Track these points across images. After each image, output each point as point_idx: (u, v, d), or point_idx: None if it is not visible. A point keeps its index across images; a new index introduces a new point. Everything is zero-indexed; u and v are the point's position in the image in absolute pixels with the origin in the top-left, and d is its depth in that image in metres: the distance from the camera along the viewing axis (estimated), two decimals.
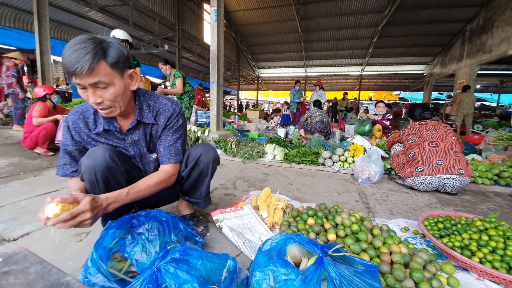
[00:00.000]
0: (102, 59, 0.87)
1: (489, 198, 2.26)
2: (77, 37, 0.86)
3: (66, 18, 8.24)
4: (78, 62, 0.82)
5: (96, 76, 0.86)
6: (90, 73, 0.85)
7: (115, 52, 0.91)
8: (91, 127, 1.10)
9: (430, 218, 1.43)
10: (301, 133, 5.06)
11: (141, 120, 1.11)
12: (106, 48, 0.89)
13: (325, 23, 12.39)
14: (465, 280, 1.05)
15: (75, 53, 0.82)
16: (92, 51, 0.84)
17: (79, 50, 0.82)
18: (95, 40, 0.87)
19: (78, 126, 1.09)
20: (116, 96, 0.95)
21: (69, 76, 0.86)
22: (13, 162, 2.77)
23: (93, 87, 0.89)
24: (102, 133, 1.11)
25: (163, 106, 1.15)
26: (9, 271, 0.57)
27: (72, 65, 0.82)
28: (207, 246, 1.27)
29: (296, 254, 0.94)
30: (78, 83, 0.87)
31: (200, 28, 12.31)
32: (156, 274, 0.67)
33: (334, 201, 2.00)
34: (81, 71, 0.82)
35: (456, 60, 10.59)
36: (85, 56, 0.83)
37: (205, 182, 1.31)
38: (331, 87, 19.92)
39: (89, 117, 1.10)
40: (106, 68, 0.88)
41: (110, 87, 0.92)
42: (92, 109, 1.10)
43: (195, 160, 1.23)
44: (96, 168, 1.00)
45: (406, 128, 2.54)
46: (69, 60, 0.82)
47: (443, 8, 9.78)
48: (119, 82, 0.94)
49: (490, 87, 16.70)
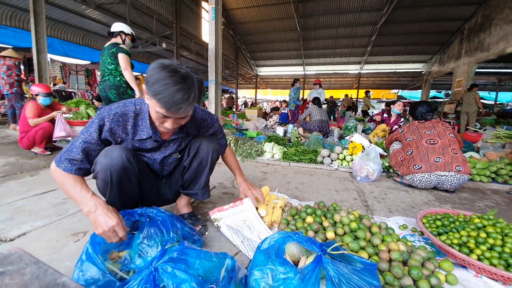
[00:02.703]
0: (196, 100, 0.94)
1: (487, 195, 2.27)
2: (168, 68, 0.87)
3: (62, 16, 8.16)
4: (183, 103, 0.88)
5: (187, 115, 0.97)
6: (187, 114, 0.96)
7: (200, 90, 0.95)
8: (129, 132, 1.10)
9: (428, 216, 1.44)
10: (299, 131, 5.05)
11: (190, 133, 1.21)
12: (197, 87, 0.93)
13: (323, 21, 12.36)
14: (463, 277, 1.05)
15: (180, 94, 0.86)
16: (192, 93, 0.90)
17: (183, 90, 0.87)
18: (191, 80, 0.91)
19: (115, 129, 1.07)
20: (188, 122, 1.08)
21: (165, 110, 0.89)
22: (9, 161, 2.75)
23: (177, 119, 0.96)
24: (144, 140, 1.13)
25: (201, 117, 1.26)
26: (4, 272, 0.56)
27: (176, 106, 0.87)
28: (206, 245, 1.27)
29: (294, 252, 0.94)
30: (168, 115, 0.92)
31: (198, 26, 12.25)
32: (154, 273, 0.67)
33: (333, 199, 2.00)
34: (184, 112, 0.91)
35: (454, 58, 10.61)
36: (188, 99, 0.89)
37: (204, 172, 1.32)
38: (330, 86, 19.91)
39: (128, 121, 1.09)
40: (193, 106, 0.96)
41: (188, 118, 1.02)
42: (133, 113, 1.09)
43: (196, 149, 1.26)
44: (112, 168, 1.01)
45: (405, 126, 2.54)
46: (173, 100, 0.86)
47: (441, 6, 9.78)
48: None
49: (488, 85, 16.75)
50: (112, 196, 1.10)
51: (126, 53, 3.10)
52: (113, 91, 3.12)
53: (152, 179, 1.32)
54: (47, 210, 1.58)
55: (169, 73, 0.86)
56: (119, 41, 3.17)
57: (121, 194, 1.12)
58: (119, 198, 1.12)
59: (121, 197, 1.12)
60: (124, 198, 1.15)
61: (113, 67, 3.09)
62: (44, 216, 1.50)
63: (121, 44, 3.15)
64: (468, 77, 9.11)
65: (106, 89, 3.15)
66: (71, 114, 3.94)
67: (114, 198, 1.11)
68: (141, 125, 1.10)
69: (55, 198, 1.78)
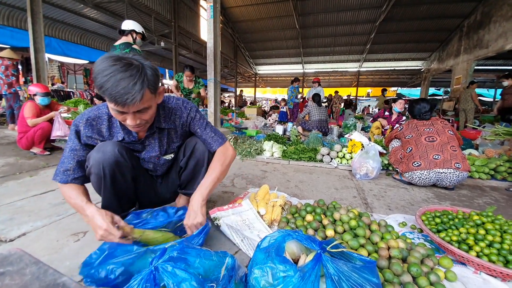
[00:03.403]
0: (146, 88, 0.86)
1: (486, 192, 2.27)
2: (111, 58, 0.82)
3: (60, 15, 8.11)
4: (128, 93, 0.81)
5: (141, 105, 0.88)
6: (138, 103, 0.85)
7: (153, 77, 0.89)
8: (105, 135, 1.08)
9: (428, 213, 1.44)
10: (299, 129, 5.05)
11: (159, 127, 1.13)
12: (146, 74, 0.86)
13: (322, 19, 12.33)
14: (463, 274, 1.05)
15: (122, 83, 0.80)
16: (139, 80, 0.83)
17: (125, 79, 0.80)
18: (136, 67, 0.84)
19: (89, 133, 1.05)
20: (152, 115, 1.00)
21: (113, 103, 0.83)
22: (8, 162, 2.74)
23: (134, 113, 0.90)
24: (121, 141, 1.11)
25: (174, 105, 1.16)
26: (4, 272, 0.56)
27: (121, 96, 0.80)
28: (206, 244, 1.27)
29: (294, 250, 0.94)
30: (121, 110, 0.86)
31: (197, 24, 12.20)
32: (154, 273, 0.67)
33: (332, 197, 2.01)
34: (132, 102, 0.82)
35: (453, 55, 10.61)
36: (134, 86, 0.81)
37: (201, 173, 1.29)
38: (329, 84, 19.88)
39: (103, 124, 1.07)
40: (149, 94, 0.89)
41: (150, 110, 0.95)
42: (106, 115, 1.06)
43: (191, 149, 1.24)
44: (105, 162, 1.01)
45: (404, 124, 2.54)
46: (116, 91, 0.80)
47: (440, 3, 9.76)
48: (155, 103, 0.98)
49: (486, 82, 16.75)
50: (107, 194, 1.09)
51: (140, 54, 3.11)
52: None
53: (147, 176, 1.31)
54: (46, 210, 1.58)
55: (111, 63, 0.81)
56: (130, 40, 3.15)
57: (116, 191, 1.11)
58: (114, 195, 1.11)
59: (116, 194, 1.11)
60: (119, 196, 1.13)
61: None
62: (44, 216, 1.50)
63: (133, 43, 3.14)
64: (467, 74, 9.11)
65: None
66: (69, 114, 3.93)
67: (109, 196, 1.10)
68: (116, 126, 1.08)
69: (55, 198, 1.78)
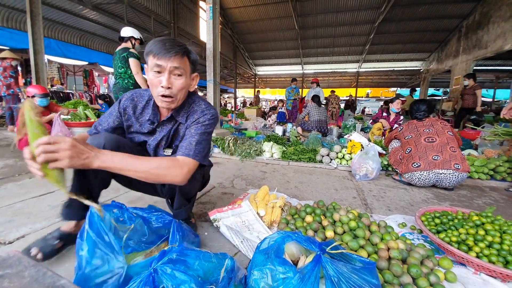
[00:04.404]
0: (187, 55, 1.06)
1: (485, 192, 2.28)
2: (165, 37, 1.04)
3: (59, 16, 8.11)
4: (174, 48, 0.99)
5: (181, 63, 1.02)
6: (179, 59, 1.01)
7: (194, 55, 1.11)
8: (137, 112, 1.19)
9: (427, 214, 1.44)
10: (298, 130, 5.05)
11: (174, 117, 1.16)
12: (190, 49, 1.08)
13: (321, 20, 12.35)
14: (462, 275, 1.05)
15: (170, 43, 1.00)
16: (183, 46, 1.04)
17: (172, 42, 1.01)
18: (181, 42, 1.06)
19: (127, 105, 1.18)
20: (183, 88, 1.07)
21: (158, 56, 0.98)
22: (8, 163, 2.74)
23: (171, 72, 1.01)
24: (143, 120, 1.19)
25: (198, 108, 1.18)
26: (3, 275, 0.56)
27: (168, 48, 0.98)
28: (205, 246, 1.27)
29: (294, 252, 0.94)
30: (161, 64, 0.99)
31: (196, 25, 12.21)
32: (153, 275, 0.66)
33: (332, 198, 2.01)
34: (175, 53, 0.99)
35: (452, 56, 10.63)
36: (179, 47, 1.02)
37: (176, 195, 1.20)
38: (328, 84, 19.88)
39: (141, 102, 1.19)
40: (187, 62, 1.07)
41: (183, 78, 1.05)
42: (147, 96, 1.19)
43: None
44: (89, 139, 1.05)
45: (404, 125, 2.55)
46: (164, 45, 0.99)
47: (439, 4, 9.79)
48: (189, 78, 1.10)
49: (485, 82, 16.79)
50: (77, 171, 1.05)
51: (136, 57, 3.29)
52: (121, 92, 3.31)
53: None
54: (46, 212, 1.58)
55: (164, 37, 1.03)
56: (129, 46, 3.36)
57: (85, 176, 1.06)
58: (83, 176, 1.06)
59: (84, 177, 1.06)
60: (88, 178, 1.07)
61: (122, 70, 3.28)
62: (43, 218, 1.50)
63: (131, 48, 3.33)
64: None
65: (117, 91, 3.34)
66: (69, 116, 3.93)
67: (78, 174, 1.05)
68: (148, 108, 1.18)
69: (54, 200, 1.78)
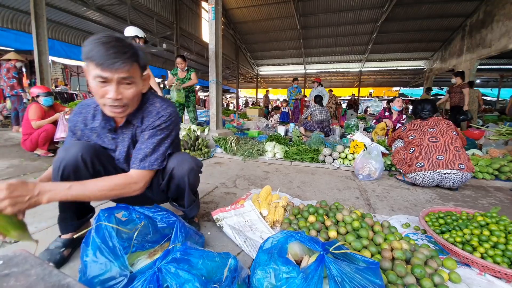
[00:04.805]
0: (136, 61, 0.95)
1: (490, 193, 2.25)
2: (104, 34, 0.89)
3: (63, 18, 8.19)
4: (120, 57, 0.87)
5: (129, 73, 0.92)
6: (127, 68, 0.90)
7: (143, 56, 0.99)
8: (88, 122, 1.11)
9: (431, 214, 1.43)
10: (301, 130, 5.04)
11: (130, 120, 1.08)
12: (137, 50, 0.96)
13: (324, 20, 12.33)
14: (467, 276, 1.05)
15: (114, 49, 0.87)
16: (130, 51, 0.91)
17: (117, 47, 0.88)
18: (129, 43, 0.93)
19: (76, 120, 1.12)
20: (135, 96, 0.99)
21: (101, 68, 0.87)
22: (13, 163, 2.77)
23: (119, 83, 0.92)
24: (97, 129, 1.11)
25: (153, 108, 1.09)
26: (9, 273, 0.56)
27: (111, 59, 0.86)
28: (208, 245, 1.28)
29: (297, 252, 0.94)
30: (106, 76, 0.88)
31: (198, 26, 12.25)
32: (157, 274, 0.67)
33: (335, 198, 2.00)
34: (121, 66, 0.88)
35: (456, 55, 10.55)
36: (125, 54, 0.89)
37: (185, 194, 1.22)
38: (331, 84, 19.82)
39: (89, 112, 1.11)
40: (137, 67, 0.97)
41: (134, 86, 0.96)
42: (93, 104, 1.11)
43: (168, 174, 1.14)
44: (63, 162, 0.98)
45: (407, 124, 2.54)
46: (107, 52, 0.86)
47: (442, 2, 9.72)
48: (140, 82, 1.01)
49: (490, 81, 16.65)
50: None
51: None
52: None
53: None
54: (51, 211, 1.59)
55: (105, 34, 0.89)
56: None
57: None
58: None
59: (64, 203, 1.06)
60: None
61: None
62: (48, 217, 1.52)
63: None
64: (470, 74, 9.05)
65: None
66: None
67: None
68: (97, 114, 1.10)
69: None
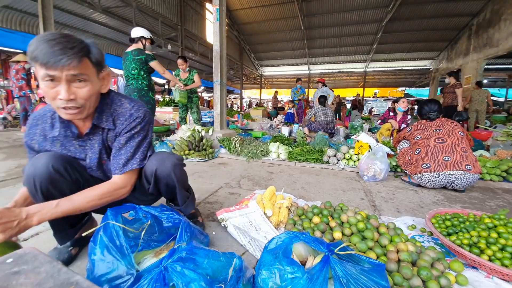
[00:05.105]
0: (86, 56, 0.86)
1: (498, 194, 2.22)
2: (50, 32, 0.82)
3: (70, 20, 8.32)
4: (65, 53, 0.79)
5: (79, 70, 0.83)
6: (76, 64, 0.81)
7: (96, 51, 0.90)
8: (47, 133, 1.00)
9: (438, 216, 1.42)
10: (305, 131, 5.03)
11: (98, 125, 1.00)
12: (88, 45, 0.88)
13: (328, 20, 12.29)
14: (474, 278, 1.03)
15: (59, 45, 0.78)
16: (78, 46, 0.82)
17: (63, 43, 0.79)
18: (75, 37, 0.84)
19: (33, 134, 1.01)
20: (91, 95, 0.90)
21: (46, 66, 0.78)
22: (21, 163, 2.82)
23: (70, 81, 0.83)
24: (59, 138, 1.01)
25: (123, 109, 1.03)
26: (19, 271, 0.57)
27: (57, 55, 0.77)
28: (213, 245, 1.28)
29: (302, 252, 0.94)
30: (53, 74, 0.79)
31: (203, 27, 12.32)
32: (163, 272, 0.68)
33: (339, 199, 1.99)
34: (68, 62, 0.79)
35: (463, 54, 10.41)
36: (72, 49, 0.80)
37: (176, 191, 1.19)
38: (335, 84, 19.76)
39: (46, 121, 1.00)
40: (89, 64, 0.88)
41: (88, 84, 0.88)
42: (49, 113, 1.00)
43: (153, 176, 1.10)
44: (36, 177, 0.92)
45: (413, 125, 2.51)
46: (52, 49, 0.77)
47: (448, 1, 9.62)
48: (96, 81, 0.92)
49: (497, 81, 16.38)
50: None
51: (155, 59, 3.38)
52: (135, 93, 3.35)
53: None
54: None
55: (49, 33, 0.81)
56: (141, 46, 3.37)
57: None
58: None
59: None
60: None
61: (136, 72, 3.31)
62: None
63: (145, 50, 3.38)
64: (477, 74, 8.92)
65: (130, 92, 3.37)
66: None
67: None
68: (55, 123, 0.99)
69: None
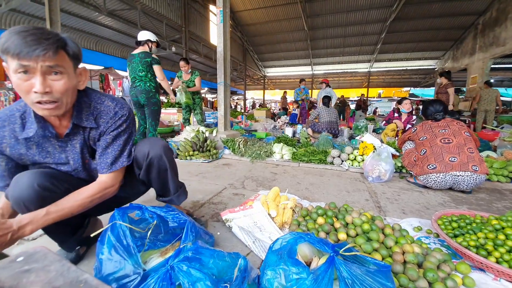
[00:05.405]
0: (62, 48, 0.82)
1: (505, 196, 2.18)
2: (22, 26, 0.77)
3: (77, 23, 8.45)
4: (40, 44, 0.74)
5: (56, 61, 0.79)
6: (51, 56, 0.77)
7: (73, 45, 0.87)
8: (18, 134, 0.91)
9: (444, 217, 1.40)
10: (308, 132, 5.02)
11: (78, 124, 0.95)
12: (64, 38, 0.84)
13: (331, 20, 12.27)
14: (481, 280, 1.02)
15: (32, 36, 0.74)
16: (53, 37, 0.79)
17: (37, 34, 0.75)
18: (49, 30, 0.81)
19: (2, 136, 0.90)
20: (67, 89, 0.85)
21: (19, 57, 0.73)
22: None
23: (45, 73, 0.78)
24: (34, 139, 0.93)
25: (105, 107, 1.00)
26: (30, 269, 0.59)
27: (29, 46, 0.73)
28: (218, 245, 1.29)
29: (306, 253, 0.94)
30: (26, 64, 0.74)
31: (207, 29, 12.40)
32: (170, 272, 0.69)
33: (344, 200, 1.98)
34: (44, 51, 0.75)
35: (468, 54, 10.28)
36: (47, 40, 0.76)
37: (168, 177, 1.20)
38: (339, 85, 19.68)
39: (15, 122, 0.91)
40: (65, 57, 0.84)
41: (64, 77, 0.83)
42: (17, 112, 0.91)
43: (145, 159, 1.10)
44: (25, 201, 0.86)
45: (418, 126, 2.48)
46: (24, 41, 0.73)
47: (453, 0, 9.51)
48: (73, 76, 0.88)
49: (504, 81, 16.11)
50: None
51: (160, 63, 3.42)
52: (143, 95, 3.37)
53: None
54: None
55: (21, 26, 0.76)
56: (147, 49, 3.42)
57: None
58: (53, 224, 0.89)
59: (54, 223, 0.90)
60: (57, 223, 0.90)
61: (143, 74, 3.35)
62: None
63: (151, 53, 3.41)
64: (483, 74, 8.81)
65: (137, 94, 3.39)
66: None
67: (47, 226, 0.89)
68: (27, 123, 0.91)
69: None
